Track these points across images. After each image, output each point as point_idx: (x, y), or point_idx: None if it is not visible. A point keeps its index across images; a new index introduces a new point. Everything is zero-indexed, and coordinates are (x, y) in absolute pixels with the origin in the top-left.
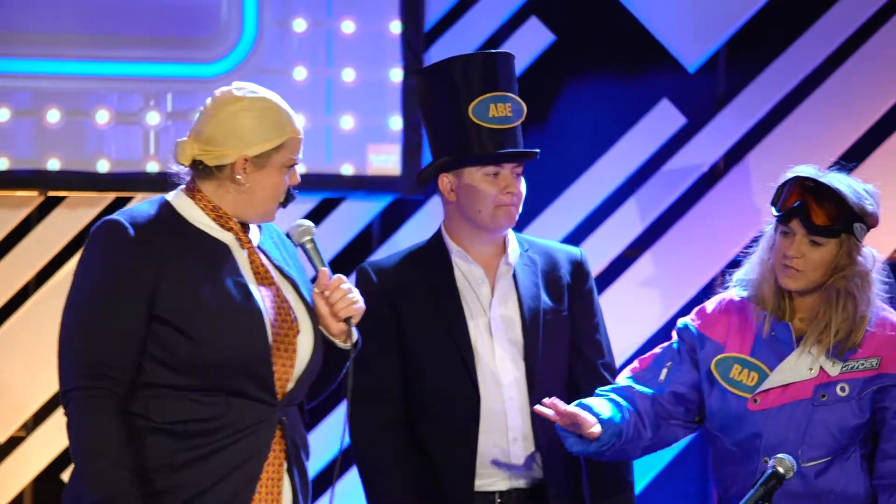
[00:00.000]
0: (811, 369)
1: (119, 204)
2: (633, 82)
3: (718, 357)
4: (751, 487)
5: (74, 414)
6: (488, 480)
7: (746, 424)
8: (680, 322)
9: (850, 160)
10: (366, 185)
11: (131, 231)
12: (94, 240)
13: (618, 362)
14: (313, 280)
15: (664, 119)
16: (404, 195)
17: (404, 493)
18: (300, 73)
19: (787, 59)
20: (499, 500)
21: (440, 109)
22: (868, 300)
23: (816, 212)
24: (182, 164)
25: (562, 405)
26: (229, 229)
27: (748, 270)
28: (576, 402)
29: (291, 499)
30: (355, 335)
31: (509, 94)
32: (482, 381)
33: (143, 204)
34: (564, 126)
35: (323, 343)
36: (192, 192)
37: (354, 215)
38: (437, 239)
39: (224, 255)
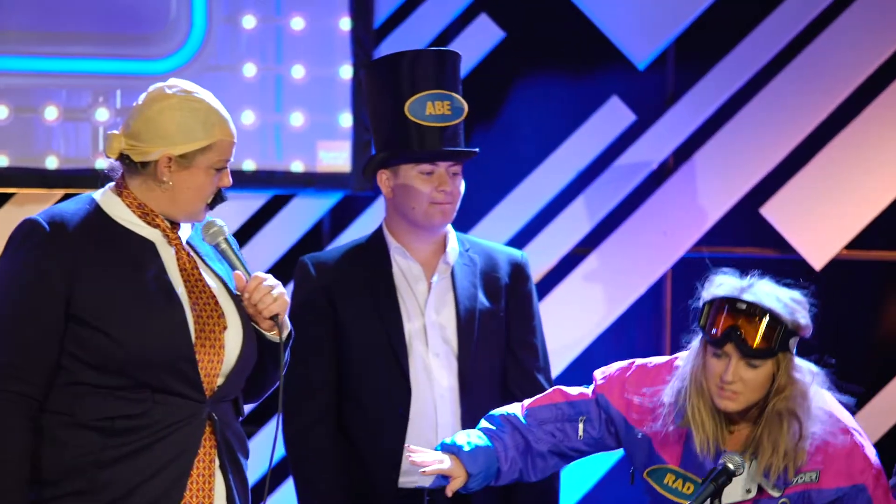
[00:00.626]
0: (749, 490)
1: None
2: (582, 79)
3: (651, 468)
4: (701, 483)
5: None
6: (416, 477)
7: None
8: (599, 378)
9: (798, 158)
10: (316, 181)
11: (49, 231)
12: (12, 240)
13: (567, 358)
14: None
15: (614, 116)
16: (354, 192)
17: (335, 488)
18: (250, 70)
19: (736, 57)
20: (427, 499)
21: (382, 104)
22: (811, 416)
23: (751, 335)
24: (109, 157)
25: (431, 461)
26: (156, 226)
27: (679, 391)
28: (451, 439)
29: (225, 496)
30: (287, 327)
31: (450, 93)
32: (414, 378)
33: (68, 202)
34: (513, 123)
35: (256, 338)
36: (119, 188)
37: (304, 212)
38: (377, 235)
39: (149, 253)
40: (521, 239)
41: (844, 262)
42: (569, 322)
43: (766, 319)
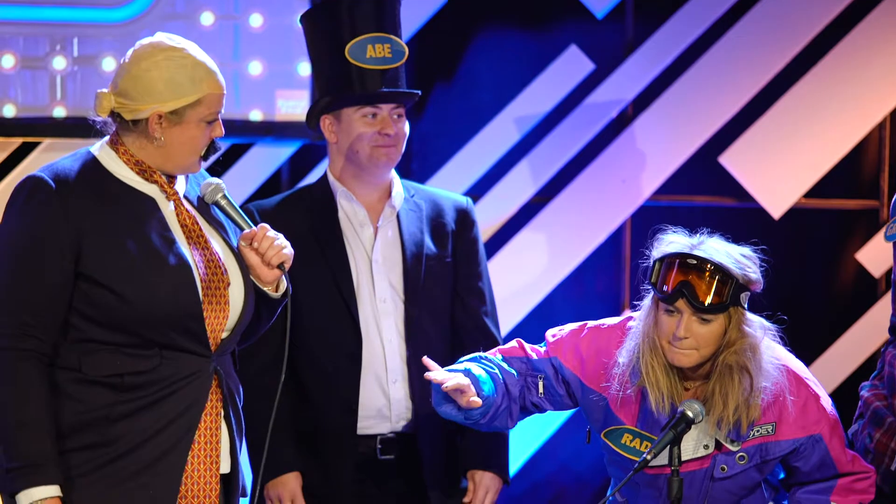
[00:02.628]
0: (707, 446)
1: (26, 149)
2: (541, 28)
3: (608, 429)
4: (660, 431)
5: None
6: (369, 423)
7: (644, 479)
8: (550, 339)
9: (757, 106)
10: (274, 130)
11: (53, 188)
12: (16, 198)
13: (527, 307)
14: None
15: (573, 65)
16: (313, 140)
17: (289, 433)
18: (207, 19)
19: (695, 5)
20: (379, 447)
21: (322, 50)
22: (762, 370)
23: (702, 289)
24: (100, 115)
25: (450, 377)
26: (154, 182)
27: (633, 350)
28: (468, 361)
29: (229, 445)
30: (285, 283)
31: (390, 36)
32: (363, 322)
33: (67, 158)
34: (472, 72)
35: (254, 291)
36: (115, 144)
37: (263, 161)
38: (323, 180)
39: (150, 210)
40: (481, 188)
41: (803, 211)
42: (528, 271)
43: (717, 275)
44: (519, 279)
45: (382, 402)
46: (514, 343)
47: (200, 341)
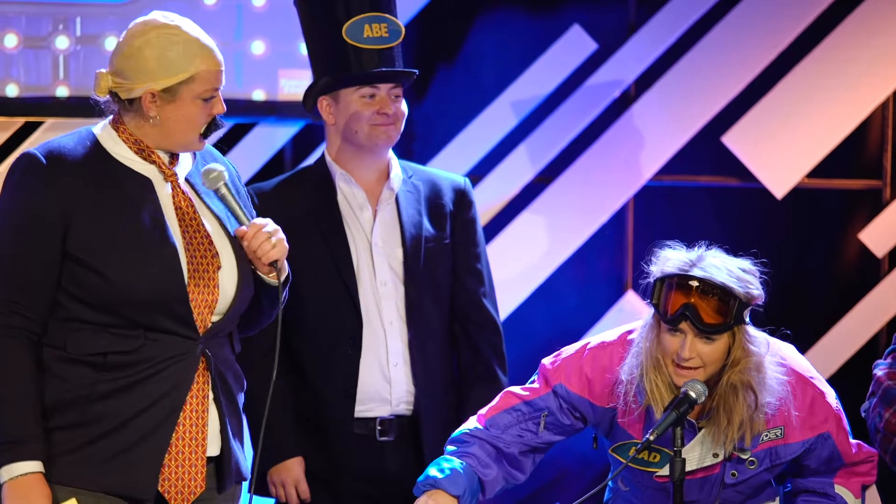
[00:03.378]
0: (716, 455)
1: (29, 129)
2: (543, 8)
3: (615, 445)
4: (663, 412)
5: None
6: (369, 406)
7: (652, 483)
8: (549, 367)
9: (760, 86)
10: (277, 110)
11: (46, 166)
12: (11, 175)
13: (530, 287)
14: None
15: (575, 45)
16: (316, 120)
17: (289, 417)
18: None
19: None
20: (379, 428)
21: (318, 31)
22: (767, 387)
23: (706, 311)
24: (99, 96)
25: None
26: (152, 162)
27: (635, 368)
28: (423, 475)
29: (219, 430)
30: (285, 271)
31: (386, 15)
32: (364, 306)
33: (67, 137)
34: (475, 52)
35: (252, 276)
36: (116, 123)
37: (266, 141)
38: (320, 162)
39: (145, 191)
40: (483, 168)
41: (806, 191)
42: (531, 252)
43: (719, 295)
44: (521, 260)
45: (383, 386)
46: (503, 396)
47: (186, 324)
